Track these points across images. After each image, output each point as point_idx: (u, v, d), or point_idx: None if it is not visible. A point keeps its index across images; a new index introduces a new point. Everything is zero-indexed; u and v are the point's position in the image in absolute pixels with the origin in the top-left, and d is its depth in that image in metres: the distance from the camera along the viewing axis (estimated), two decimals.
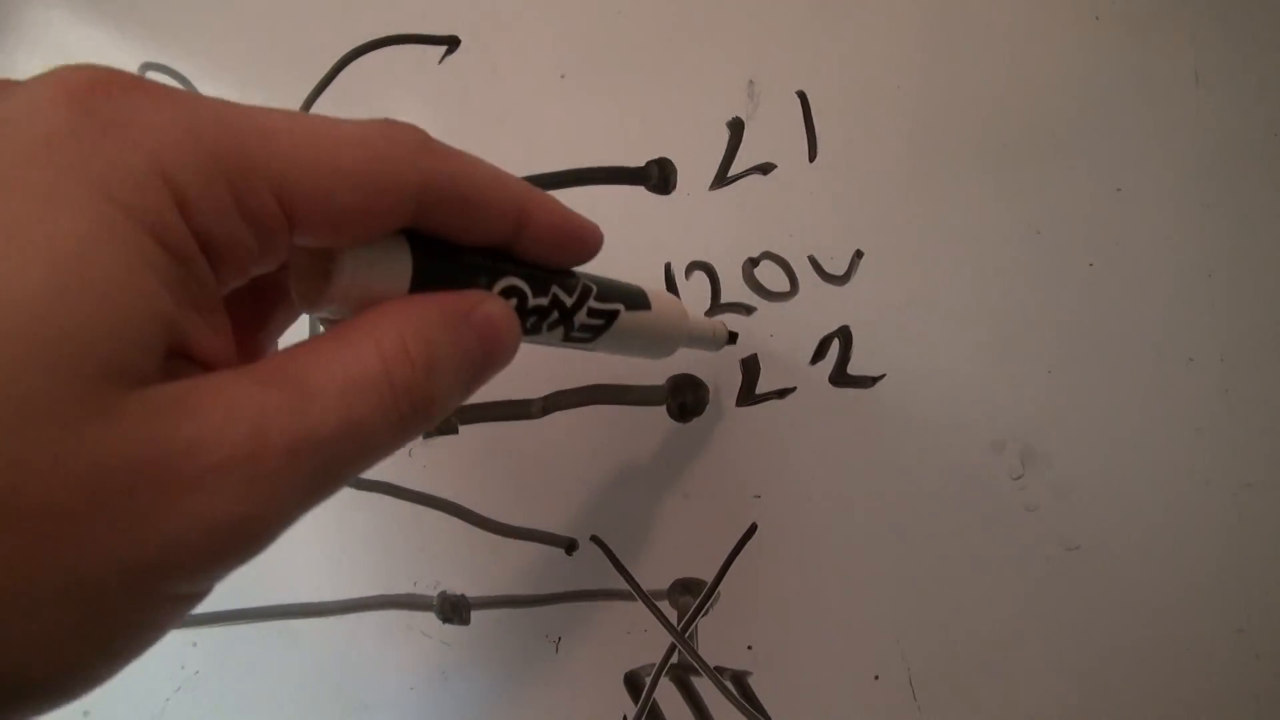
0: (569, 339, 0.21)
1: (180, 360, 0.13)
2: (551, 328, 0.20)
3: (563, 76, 0.34)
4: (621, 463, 0.33)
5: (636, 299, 0.22)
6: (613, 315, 0.21)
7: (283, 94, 0.36)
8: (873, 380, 0.31)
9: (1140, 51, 0.31)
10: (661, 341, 0.25)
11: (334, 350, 0.14)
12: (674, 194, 0.33)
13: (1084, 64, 0.31)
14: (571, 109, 0.34)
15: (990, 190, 0.31)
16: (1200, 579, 0.29)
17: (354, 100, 0.36)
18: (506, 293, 0.18)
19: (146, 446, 0.12)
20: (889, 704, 0.30)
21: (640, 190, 0.33)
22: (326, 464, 0.14)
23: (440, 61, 0.35)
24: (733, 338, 0.30)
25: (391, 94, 0.36)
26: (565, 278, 0.20)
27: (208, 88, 0.37)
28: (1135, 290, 0.30)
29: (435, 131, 0.16)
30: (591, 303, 0.20)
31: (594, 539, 0.33)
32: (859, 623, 0.31)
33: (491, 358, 0.17)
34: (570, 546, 0.33)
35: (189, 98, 0.13)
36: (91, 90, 0.12)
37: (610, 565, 0.33)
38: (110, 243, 0.12)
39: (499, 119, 0.35)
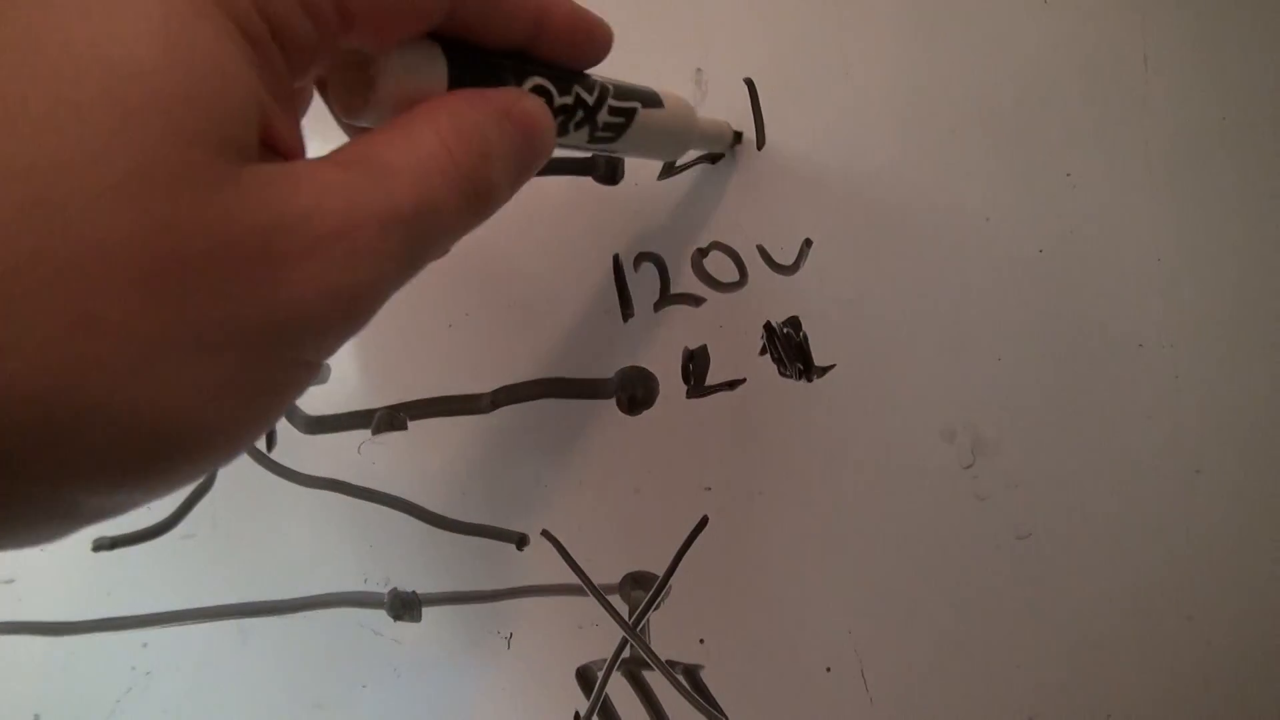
0: (594, 139, 0.22)
1: (263, 147, 0.14)
2: (578, 127, 0.21)
3: None
4: (571, 457, 0.33)
5: (650, 98, 0.24)
6: (631, 113, 0.22)
7: None
8: (823, 370, 0.31)
9: (1090, 35, 0.30)
10: (676, 138, 0.26)
11: (401, 137, 0.15)
12: (622, 184, 0.33)
13: (1033, 48, 0.31)
14: None
15: (939, 176, 0.31)
16: (1150, 566, 0.29)
17: None
18: (535, 92, 0.19)
19: (269, 215, 0.12)
20: (842, 696, 0.30)
21: (588, 181, 0.33)
22: (409, 241, 0.15)
23: None
24: (738, 137, 0.31)
25: None
26: (583, 78, 0.20)
27: None
28: (1085, 276, 0.30)
29: None
30: (611, 101, 0.21)
31: (545, 534, 0.33)
32: (811, 615, 0.31)
33: (534, 151, 0.18)
34: (521, 541, 0.33)
35: None
36: None
37: (561, 560, 0.32)
38: (202, 20, 0.12)
39: None
